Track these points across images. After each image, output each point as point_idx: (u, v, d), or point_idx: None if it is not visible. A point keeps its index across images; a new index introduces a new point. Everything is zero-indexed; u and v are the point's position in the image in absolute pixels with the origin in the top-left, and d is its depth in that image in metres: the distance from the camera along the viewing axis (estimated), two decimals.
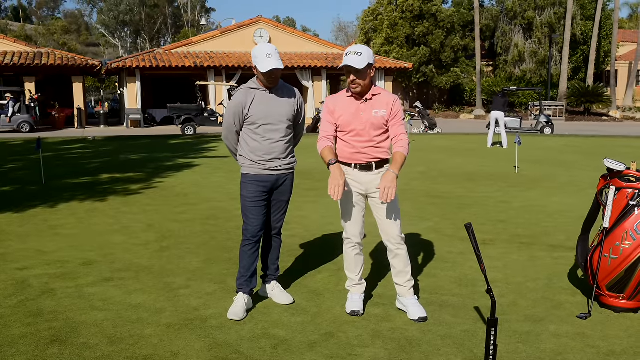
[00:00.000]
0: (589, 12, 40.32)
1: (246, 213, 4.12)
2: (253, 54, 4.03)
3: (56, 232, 6.49)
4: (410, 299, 4.08)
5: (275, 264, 4.41)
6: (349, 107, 3.95)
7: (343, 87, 43.32)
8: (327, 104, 4.07)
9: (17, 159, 13.87)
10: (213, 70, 27.95)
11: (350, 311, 4.07)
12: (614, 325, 3.91)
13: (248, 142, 4.11)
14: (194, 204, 8.07)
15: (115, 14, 67.18)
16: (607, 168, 4.14)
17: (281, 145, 4.13)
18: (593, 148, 16.58)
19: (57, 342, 3.62)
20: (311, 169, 11.73)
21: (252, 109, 4.04)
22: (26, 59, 26.07)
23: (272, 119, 4.07)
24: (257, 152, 4.08)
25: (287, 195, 4.28)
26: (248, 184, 4.11)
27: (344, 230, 4.11)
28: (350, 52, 3.85)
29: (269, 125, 4.07)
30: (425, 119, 23.58)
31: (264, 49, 3.99)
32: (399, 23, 38.46)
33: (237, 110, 4.07)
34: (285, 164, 4.18)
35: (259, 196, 4.11)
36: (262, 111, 4.05)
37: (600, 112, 36.97)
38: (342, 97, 4.02)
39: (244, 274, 4.13)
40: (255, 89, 4.10)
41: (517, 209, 7.72)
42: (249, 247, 4.12)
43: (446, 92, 42.12)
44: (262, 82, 4.08)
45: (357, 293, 4.17)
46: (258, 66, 3.98)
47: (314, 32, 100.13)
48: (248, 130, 4.10)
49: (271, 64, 3.94)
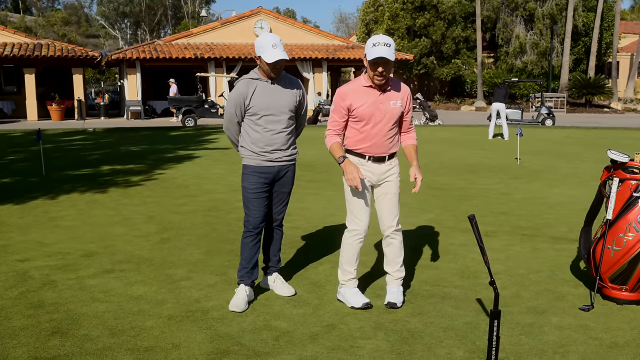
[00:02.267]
0: (591, 4, 40.15)
1: (247, 204, 4.09)
2: (258, 44, 3.98)
3: (57, 223, 6.48)
4: (393, 288, 4.13)
5: (277, 256, 4.39)
6: (368, 98, 3.89)
7: (344, 79, 43.29)
8: (341, 97, 3.93)
9: (17, 151, 13.85)
10: (213, 61, 27.86)
11: (362, 304, 3.98)
12: (616, 317, 3.90)
13: (249, 133, 4.07)
14: (195, 196, 8.06)
15: (115, 5, 66.92)
16: (611, 159, 4.12)
17: (283, 136, 4.10)
18: (594, 140, 16.55)
19: (58, 333, 3.62)
20: (313, 160, 11.70)
21: (253, 99, 4.00)
22: (26, 51, 25.98)
23: (273, 109, 4.03)
24: (259, 143, 4.05)
25: (289, 186, 4.26)
26: (249, 175, 4.08)
27: (351, 222, 4.03)
28: (378, 42, 3.73)
29: (271, 116, 4.03)
30: (426, 111, 23.52)
31: (269, 39, 3.94)
32: (399, 14, 38.30)
33: (239, 101, 4.02)
34: (287, 155, 4.15)
35: (260, 187, 4.08)
36: (263, 102, 4.01)
37: (602, 103, 36.88)
38: (359, 88, 3.91)
39: (245, 266, 4.11)
40: (257, 79, 4.05)
41: (518, 201, 7.70)
42: (250, 239, 4.10)
43: (447, 83, 42.01)
44: (265, 73, 4.03)
45: (354, 287, 4.12)
46: (263, 56, 3.92)
47: (315, 23, 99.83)
48: (249, 121, 4.06)
49: (277, 55, 3.90)
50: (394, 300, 4.05)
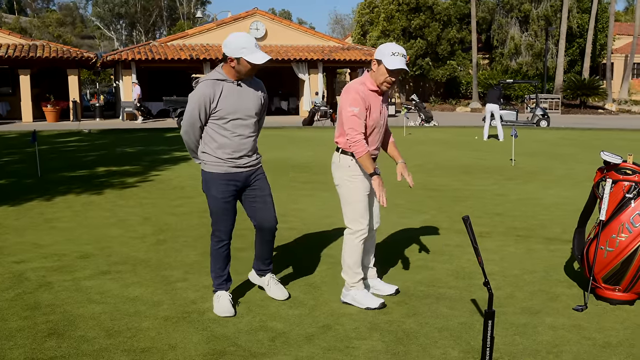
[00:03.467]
0: (585, 5, 40.27)
1: (219, 214, 3.86)
2: (237, 43, 3.68)
3: (52, 225, 6.48)
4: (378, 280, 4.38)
5: (269, 258, 4.25)
6: (375, 102, 3.98)
7: (339, 80, 43.30)
8: (362, 98, 3.88)
9: (12, 152, 13.82)
10: (209, 62, 27.83)
11: (379, 304, 4.03)
12: (609, 318, 3.93)
13: (216, 138, 3.80)
14: (191, 197, 8.06)
15: (110, 6, 66.82)
16: (604, 161, 4.15)
17: (250, 141, 3.88)
18: (589, 141, 16.61)
19: (55, 335, 3.62)
20: (308, 162, 11.72)
21: (220, 102, 3.73)
22: (21, 52, 25.91)
23: (241, 113, 3.80)
24: (226, 149, 3.80)
25: (268, 189, 4.04)
26: (218, 183, 3.83)
27: (355, 223, 4.01)
28: (397, 52, 3.84)
29: (239, 120, 3.80)
30: (421, 112, 23.58)
31: (251, 40, 3.70)
32: (395, 16, 38.35)
33: (204, 103, 3.72)
34: (253, 160, 3.95)
35: (231, 194, 3.87)
36: (231, 105, 3.76)
37: (596, 105, 37.00)
38: (367, 91, 3.93)
39: (220, 274, 3.98)
40: (223, 80, 3.77)
41: (513, 202, 7.73)
42: (224, 249, 3.94)
43: (442, 85, 42.07)
44: (237, 74, 3.76)
45: (363, 287, 4.14)
46: (247, 57, 3.67)
47: (310, 24, 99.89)
48: (215, 125, 3.78)
49: (264, 57, 3.70)
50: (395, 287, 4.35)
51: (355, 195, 3.99)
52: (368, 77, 3.97)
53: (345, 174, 4.01)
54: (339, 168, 4.05)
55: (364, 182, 4.01)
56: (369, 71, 3.99)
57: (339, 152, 4.04)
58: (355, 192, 3.99)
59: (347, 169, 4.00)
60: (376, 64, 3.90)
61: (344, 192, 4.04)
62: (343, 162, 4.01)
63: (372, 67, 3.95)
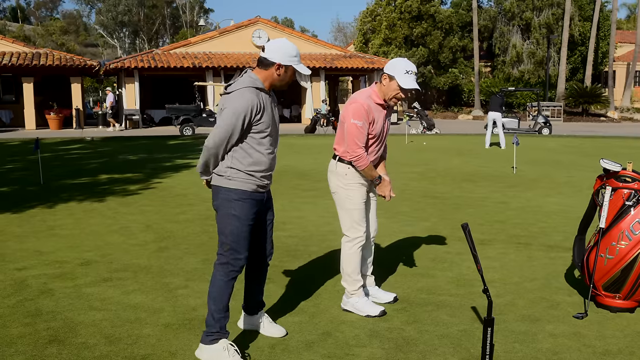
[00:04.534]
0: (587, 13, 40.37)
1: (241, 238, 3.37)
2: (289, 50, 3.34)
3: (54, 232, 6.50)
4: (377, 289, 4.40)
5: (262, 293, 3.79)
6: (380, 115, 4.03)
7: (342, 88, 43.34)
8: (367, 112, 3.89)
9: (15, 160, 13.87)
10: (211, 70, 27.93)
11: (380, 312, 4.05)
12: (610, 325, 3.93)
13: (251, 154, 3.34)
14: (193, 205, 8.08)
15: (113, 14, 67.11)
16: (604, 168, 4.16)
17: (276, 159, 3.52)
18: (591, 149, 16.61)
19: (56, 342, 3.64)
20: (310, 170, 11.74)
21: (264, 114, 3.33)
22: (24, 60, 26.03)
23: (273, 127, 3.42)
24: (261, 166, 3.37)
25: (273, 212, 3.69)
26: (245, 203, 3.35)
27: (353, 231, 4.04)
28: (411, 71, 3.91)
29: (273, 136, 3.43)
30: (423, 120, 23.62)
31: (296, 49, 3.40)
32: (397, 24, 38.47)
33: (250, 113, 3.25)
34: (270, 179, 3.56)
35: (254, 216, 3.42)
36: (269, 118, 3.38)
37: (598, 112, 37.01)
38: (373, 105, 3.99)
39: (224, 315, 3.39)
40: (261, 89, 3.36)
41: (514, 210, 7.74)
42: (233, 281, 3.41)
43: (444, 92, 42.14)
44: (274, 85, 3.40)
45: (364, 295, 4.16)
46: (297, 67, 3.37)
47: (312, 32, 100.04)
48: (252, 139, 3.33)
49: (307, 69, 3.45)
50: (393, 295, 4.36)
51: (351, 203, 4.02)
52: (375, 89, 4.00)
53: (342, 182, 4.03)
54: (335, 175, 4.07)
55: (361, 190, 4.04)
56: (377, 83, 4.01)
57: (336, 159, 4.06)
58: (352, 200, 4.02)
59: (344, 176, 4.02)
60: (387, 78, 3.93)
61: (340, 199, 4.07)
62: (340, 170, 4.03)
63: (382, 81, 3.97)
